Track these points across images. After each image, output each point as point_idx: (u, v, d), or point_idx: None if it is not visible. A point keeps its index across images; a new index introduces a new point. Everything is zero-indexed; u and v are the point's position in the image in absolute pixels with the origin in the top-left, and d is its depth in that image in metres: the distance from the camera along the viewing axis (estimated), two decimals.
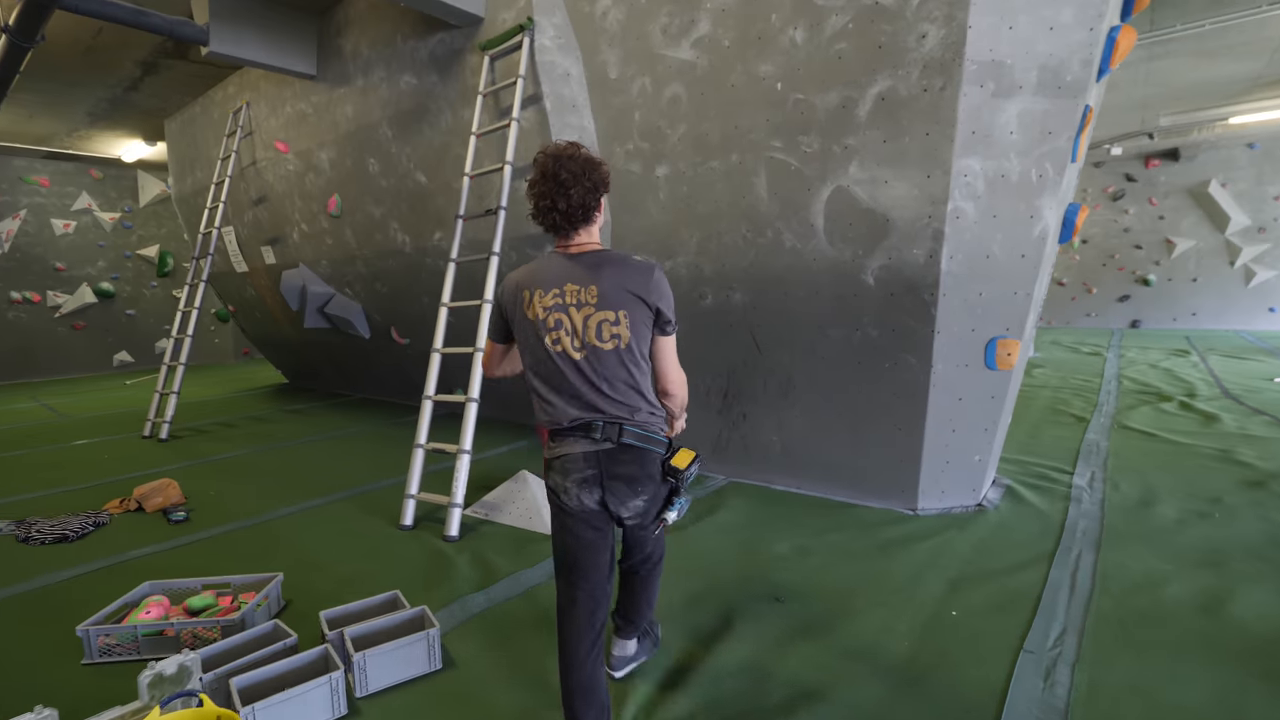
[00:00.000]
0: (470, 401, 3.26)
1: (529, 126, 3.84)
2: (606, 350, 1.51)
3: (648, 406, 1.58)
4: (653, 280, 1.54)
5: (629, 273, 1.53)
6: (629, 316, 1.51)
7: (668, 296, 1.58)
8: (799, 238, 3.22)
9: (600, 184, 1.56)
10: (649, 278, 1.54)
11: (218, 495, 3.95)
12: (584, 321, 1.51)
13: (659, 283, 1.56)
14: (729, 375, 3.77)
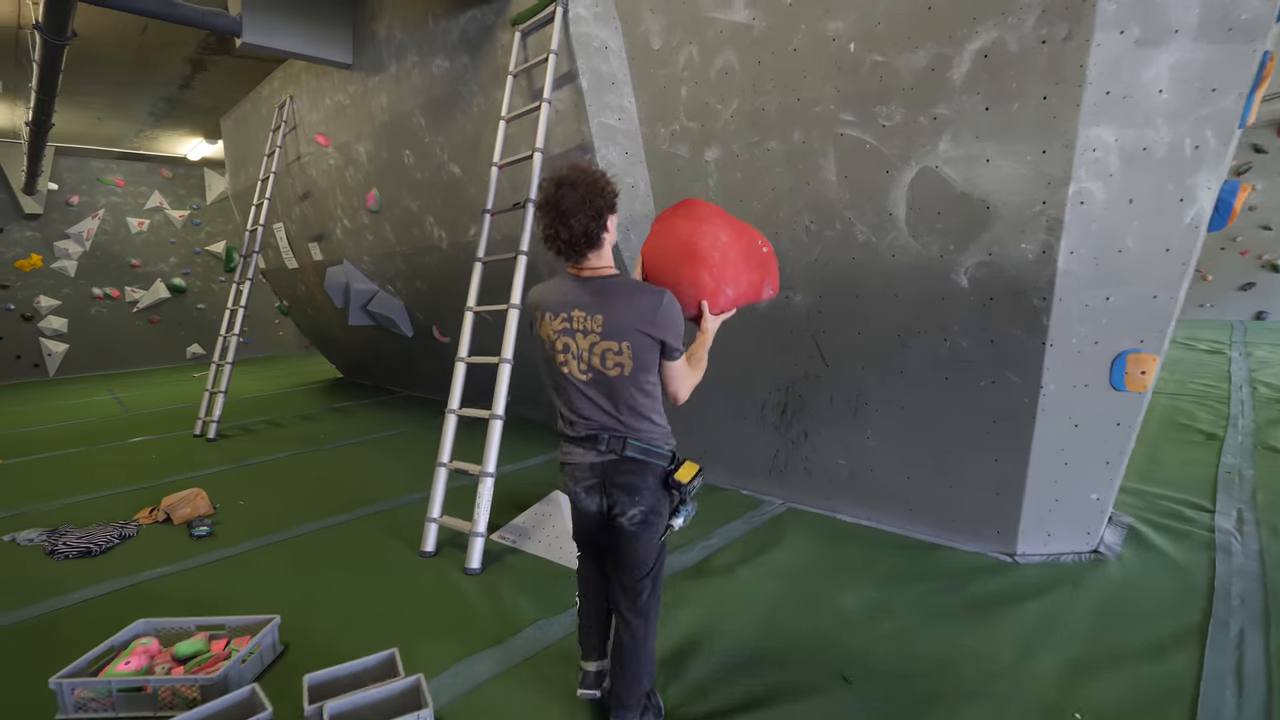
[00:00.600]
0: (495, 419, 2.93)
1: (564, 109, 3.45)
2: (611, 376, 1.55)
3: (650, 425, 1.62)
4: (660, 312, 1.53)
5: (636, 305, 1.53)
6: (632, 348, 1.53)
7: (676, 326, 1.57)
8: (874, 230, 2.71)
9: (605, 209, 1.53)
10: (656, 310, 1.53)
11: (246, 506, 3.81)
12: (590, 348, 1.55)
13: (667, 313, 1.54)
14: (788, 389, 3.30)
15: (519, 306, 3.08)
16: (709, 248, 1.78)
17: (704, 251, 1.77)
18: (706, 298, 1.77)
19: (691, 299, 1.76)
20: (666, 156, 3.33)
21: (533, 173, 3.22)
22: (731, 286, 1.81)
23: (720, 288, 1.79)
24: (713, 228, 1.82)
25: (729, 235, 1.83)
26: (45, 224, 10.16)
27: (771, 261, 1.94)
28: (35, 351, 10.39)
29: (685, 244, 1.79)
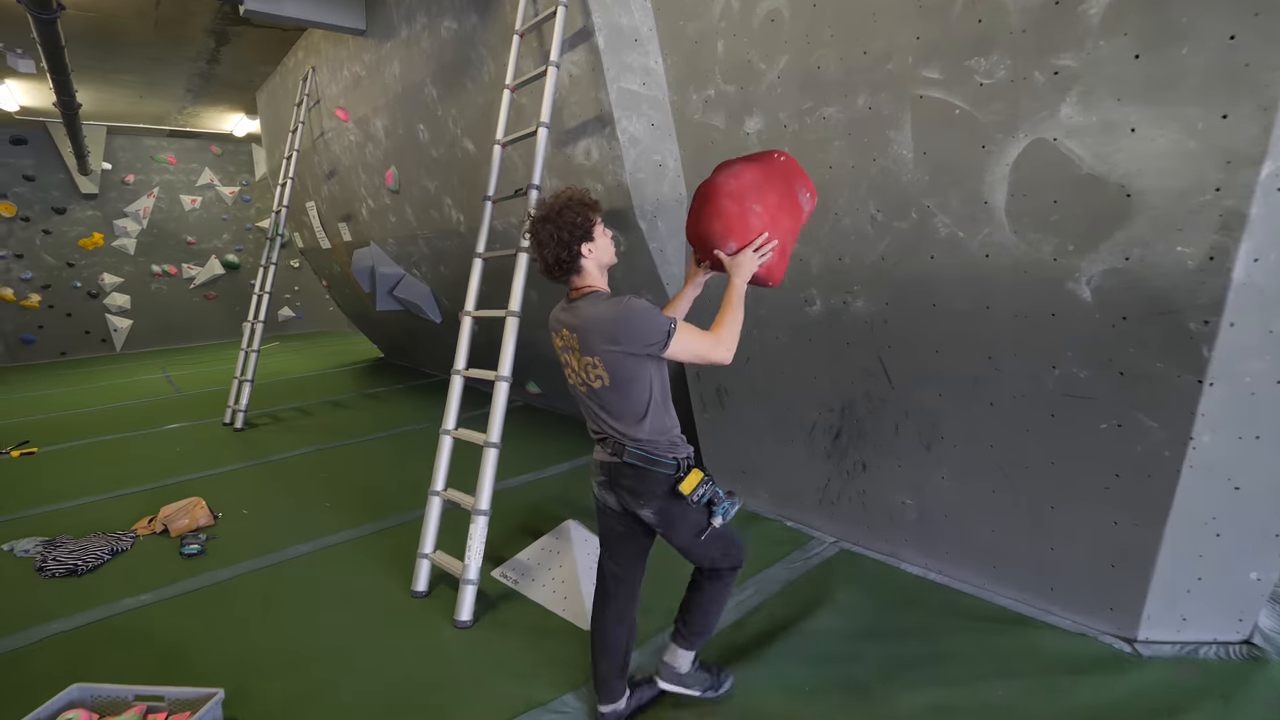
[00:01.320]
0: (489, 447, 2.51)
1: (578, 73, 2.92)
2: (597, 389, 1.65)
3: (649, 433, 1.66)
4: (617, 324, 1.57)
5: (598, 318, 1.60)
6: (604, 362, 1.60)
7: (636, 334, 1.57)
8: (960, 222, 2.09)
9: (573, 240, 1.61)
10: (613, 323, 1.58)
11: (250, 515, 3.58)
12: (579, 365, 1.67)
13: (623, 323, 1.57)
14: (843, 411, 2.73)
15: (518, 314, 2.62)
16: (723, 179, 1.78)
17: (718, 184, 1.78)
18: (735, 230, 1.74)
19: (721, 238, 1.75)
20: (699, 128, 2.76)
21: (537, 151, 2.71)
22: (760, 203, 1.75)
23: (747, 208, 1.74)
24: (724, 167, 1.82)
25: (741, 164, 1.82)
26: (104, 203, 10.40)
27: (794, 166, 1.84)
28: (102, 327, 10.77)
29: (701, 194, 1.81)
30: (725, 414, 3.32)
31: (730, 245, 1.75)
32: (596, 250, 1.65)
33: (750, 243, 1.74)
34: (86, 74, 6.86)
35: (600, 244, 1.66)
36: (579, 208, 1.62)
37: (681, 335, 1.58)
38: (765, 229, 1.74)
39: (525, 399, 5.82)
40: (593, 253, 1.64)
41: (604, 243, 1.68)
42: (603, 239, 1.67)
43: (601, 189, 3.11)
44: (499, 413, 2.55)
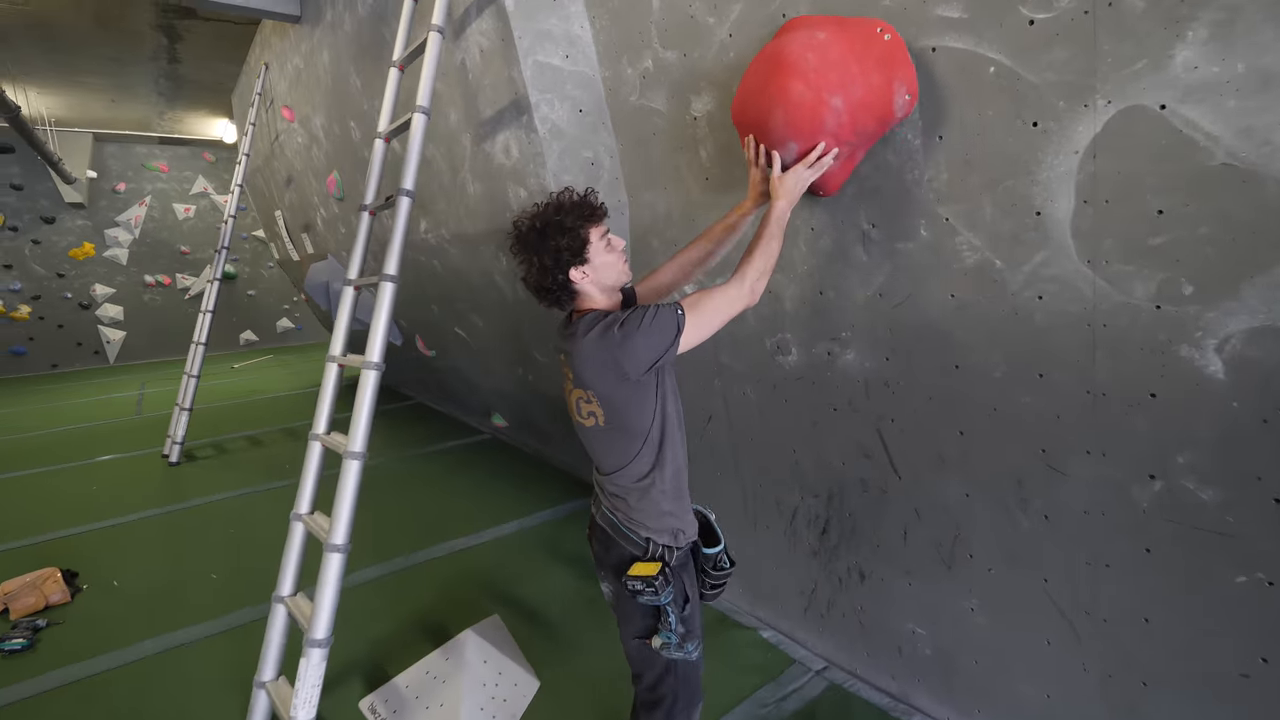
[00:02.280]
0: (334, 552, 1.81)
1: (489, 46, 2.24)
2: (587, 426, 1.38)
3: (626, 500, 1.38)
4: (612, 345, 1.25)
5: (589, 340, 1.28)
6: (599, 397, 1.32)
7: (639, 355, 1.25)
8: (997, 242, 1.34)
9: (560, 265, 1.29)
10: (605, 343, 1.26)
11: (118, 589, 2.97)
12: (571, 396, 1.40)
13: (621, 341, 1.24)
14: (831, 499, 1.99)
15: (378, 366, 1.94)
16: (799, 49, 1.31)
17: (791, 55, 1.32)
18: (801, 126, 1.33)
19: (779, 133, 1.36)
20: (638, 114, 2.05)
21: (412, 145, 2.03)
22: (842, 95, 1.29)
23: (823, 100, 1.28)
24: (801, 28, 1.36)
25: (828, 29, 1.33)
26: (94, 212, 10.12)
27: (899, 50, 1.31)
28: (95, 339, 10.50)
29: (769, 57, 1.38)
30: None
31: (790, 148, 1.37)
32: (595, 272, 1.32)
33: (808, 153, 1.37)
34: (44, 77, 6.48)
35: (600, 263, 1.32)
36: (568, 224, 1.28)
37: (694, 316, 1.28)
38: (838, 134, 1.33)
39: (492, 431, 5.17)
40: (589, 276, 1.32)
41: (606, 261, 1.33)
42: (605, 256, 1.32)
43: (525, 195, 2.43)
44: (364, 416, 1.86)
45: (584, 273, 1.31)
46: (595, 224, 1.31)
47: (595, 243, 1.30)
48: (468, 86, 2.47)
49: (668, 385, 1.35)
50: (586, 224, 1.30)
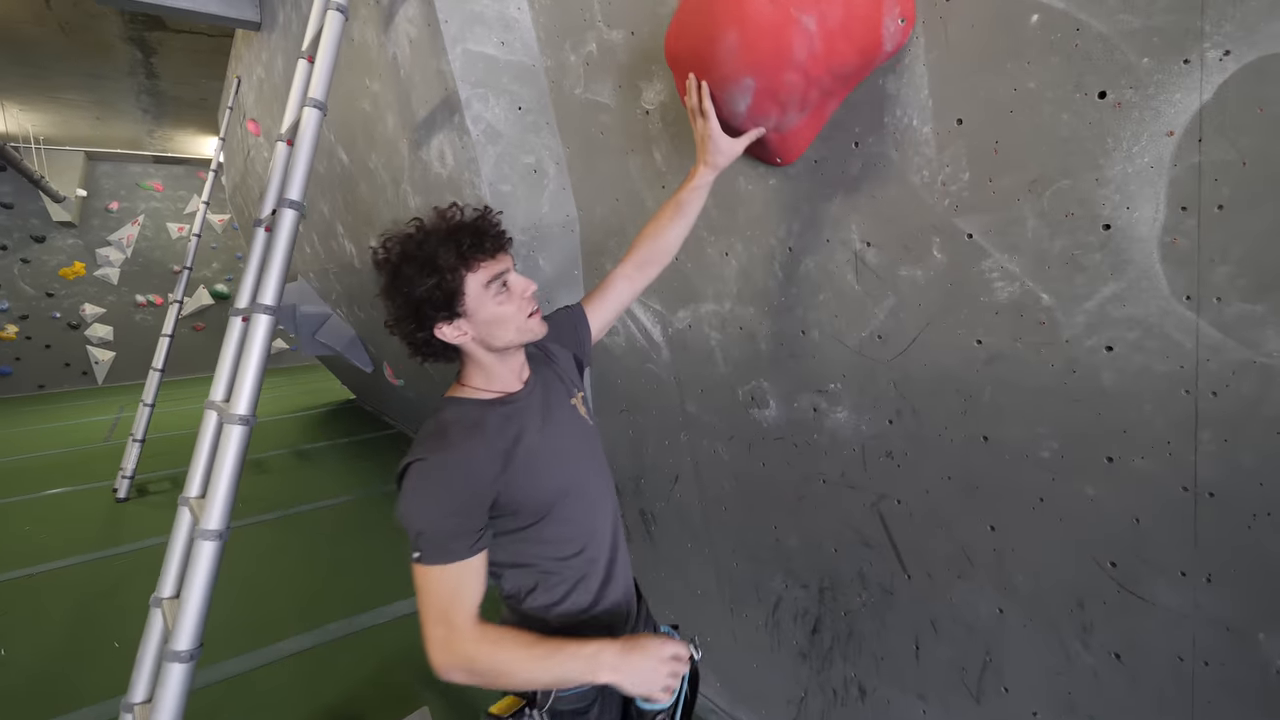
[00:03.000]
0: (174, 661, 1.40)
1: (418, 35, 1.89)
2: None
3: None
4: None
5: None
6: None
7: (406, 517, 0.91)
8: (1044, 271, 0.93)
9: (424, 319, 0.95)
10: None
11: (5, 659, 2.58)
12: None
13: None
14: (823, 593, 1.56)
15: (244, 420, 1.55)
16: None
17: None
18: (760, 56, 0.96)
19: (730, 65, 0.99)
20: (585, 109, 1.68)
21: (300, 146, 1.67)
22: (814, 13, 0.92)
23: (791, 17, 0.92)
24: None
25: None
26: (86, 231, 9.96)
27: None
28: (83, 359, 10.27)
29: None
30: (654, 550, 2.18)
31: (746, 86, 1.00)
32: (479, 329, 0.97)
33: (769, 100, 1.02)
34: (21, 93, 6.30)
35: (487, 317, 0.96)
36: (438, 261, 0.92)
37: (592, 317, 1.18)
38: (808, 68, 0.97)
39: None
40: (469, 333, 0.97)
41: (496, 315, 0.96)
42: (494, 308, 0.96)
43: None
44: (224, 483, 1.46)
45: (461, 329, 0.96)
46: (481, 262, 0.95)
47: (477, 291, 0.94)
48: (400, 85, 2.13)
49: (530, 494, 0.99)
50: (465, 263, 0.93)
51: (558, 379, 1.13)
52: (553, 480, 1.00)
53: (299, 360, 11.96)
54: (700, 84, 1.06)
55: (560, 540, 1.01)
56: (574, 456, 1.06)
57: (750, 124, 1.07)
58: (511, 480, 0.95)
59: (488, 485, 0.93)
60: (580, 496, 1.04)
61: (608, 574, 1.07)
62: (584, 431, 1.11)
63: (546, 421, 1.04)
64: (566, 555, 1.01)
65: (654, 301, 1.71)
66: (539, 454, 0.99)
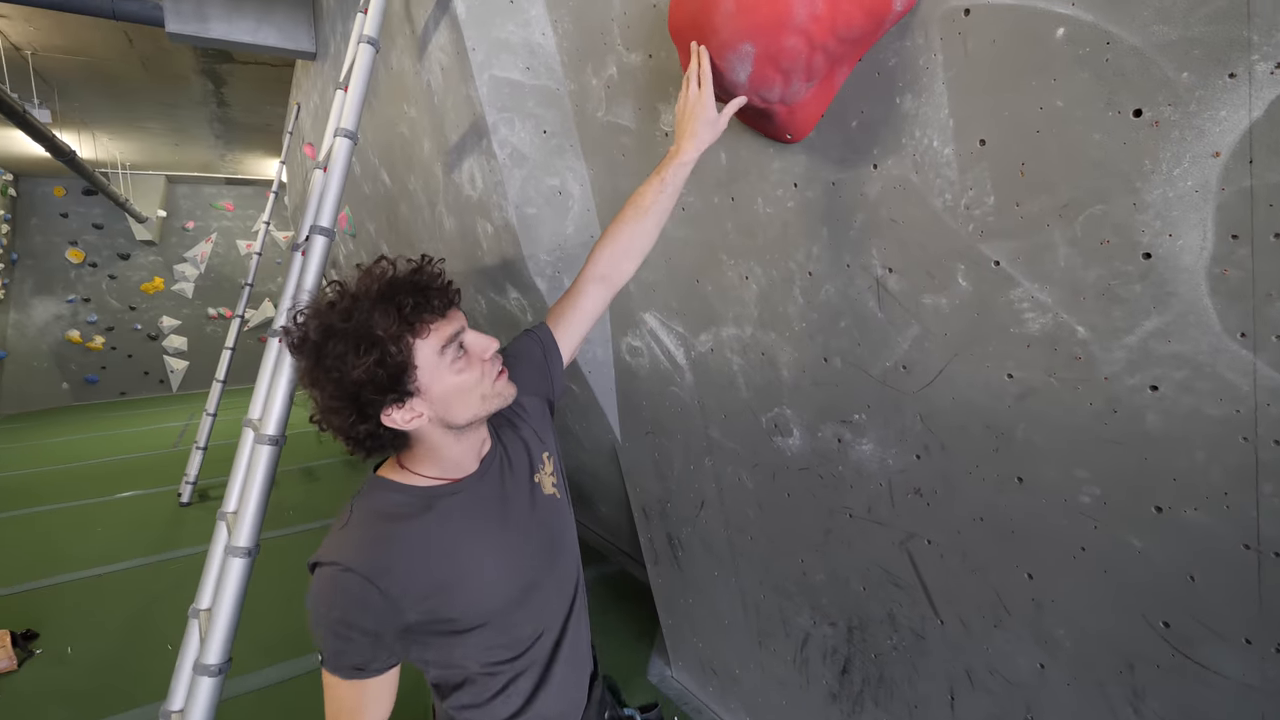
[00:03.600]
0: (204, 675, 1.45)
1: (448, 63, 1.93)
2: None
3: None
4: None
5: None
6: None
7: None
8: (1078, 302, 0.85)
9: (366, 409, 0.78)
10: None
11: (71, 657, 2.74)
12: None
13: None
14: (851, 632, 1.49)
15: (274, 440, 1.59)
16: None
17: None
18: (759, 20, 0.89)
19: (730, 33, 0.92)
20: (608, 132, 1.67)
21: (332, 173, 1.72)
22: None
23: None
24: None
25: None
26: (165, 248, 10.66)
27: None
28: (160, 368, 10.96)
29: None
30: (681, 575, 2.13)
31: (744, 52, 0.93)
32: (434, 403, 0.81)
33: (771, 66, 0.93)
34: (109, 124, 6.81)
35: (444, 390, 0.81)
36: (375, 331, 0.76)
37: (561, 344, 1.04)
38: (811, 32, 0.89)
39: None
40: (422, 414, 0.81)
41: (455, 384, 0.82)
42: (452, 377, 0.81)
43: (491, 230, 2.09)
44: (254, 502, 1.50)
45: (414, 410, 0.80)
46: (430, 324, 0.80)
47: (430, 360, 0.79)
48: (434, 111, 2.18)
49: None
50: (410, 329, 0.77)
51: (523, 448, 0.98)
52: (496, 591, 0.86)
53: None
54: (700, 49, 0.98)
55: (494, 646, 0.88)
56: (526, 555, 0.91)
57: (753, 96, 1.00)
58: (442, 598, 0.82)
59: (405, 614, 0.79)
60: (524, 604, 0.89)
61: (542, 677, 0.92)
62: (544, 519, 0.96)
63: (500, 517, 0.90)
64: (499, 660, 0.89)
65: (676, 324, 1.68)
66: (482, 563, 0.86)
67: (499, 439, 0.97)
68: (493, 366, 0.86)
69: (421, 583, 0.81)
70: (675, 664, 2.36)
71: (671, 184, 1.02)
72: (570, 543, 1.02)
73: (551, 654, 0.94)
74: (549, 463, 1.02)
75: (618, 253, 1.05)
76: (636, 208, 1.03)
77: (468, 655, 0.87)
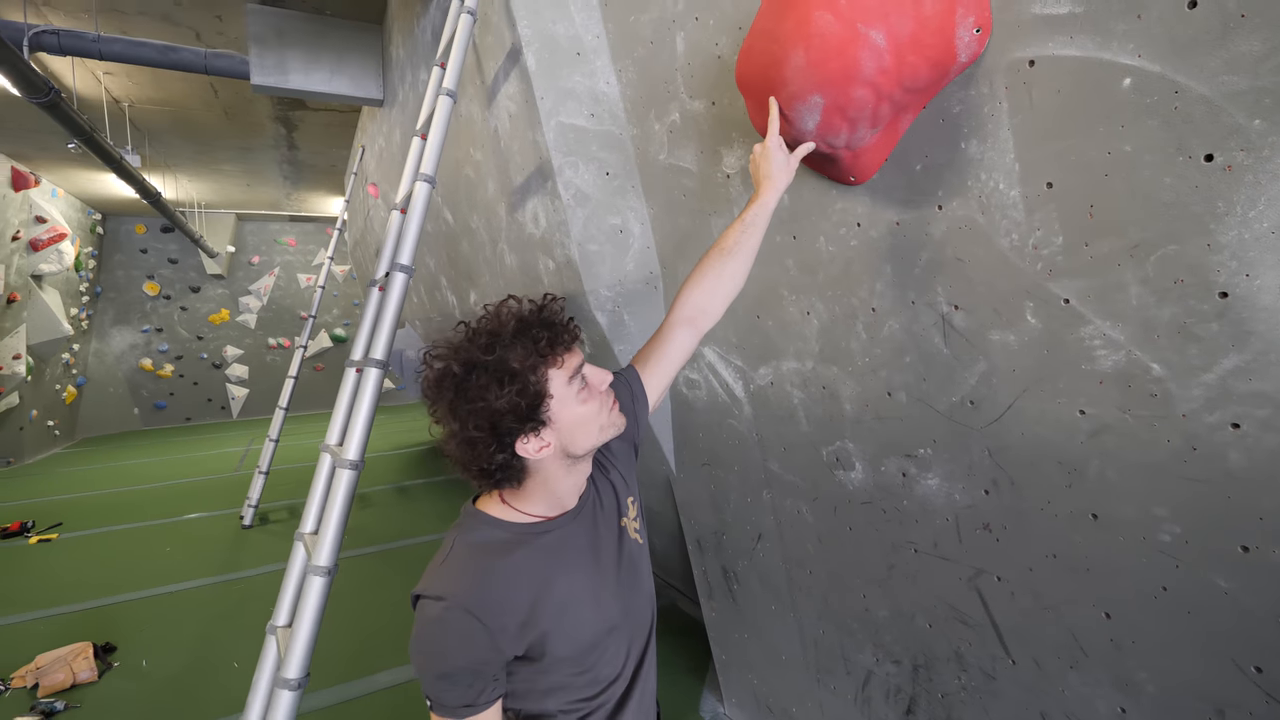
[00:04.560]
0: (283, 689, 1.52)
1: (516, 110, 2.06)
2: None
3: None
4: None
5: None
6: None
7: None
8: (1152, 340, 0.87)
9: (501, 428, 0.81)
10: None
11: (146, 670, 2.87)
12: None
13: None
14: (915, 670, 1.47)
15: (354, 465, 1.68)
16: None
17: None
18: (832, 65, 0.94)
19: (799, 86, 0.99)
20: (668, 174, 1.76)
21: (411, 215, 1.84)
22: (883, 28, 0.91)
23: (858, 33, 0.92)
24: None
25: None
26: (231, 282, 11.30)
27: None
28: (222, 395, 11.51)
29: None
30: (737, 610, 2.13)
31: (814, 104, 0.99)
32: (561, 436, 0.86)
33: (838, 117, 0.99)
34: (190, 167, 7.34)
35: (571, 421, 0.86)
36: (511, 365, 0.81)
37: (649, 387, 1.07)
38: (878, 83, 0.95)
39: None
40: (549, 445, 0.85)
41: (579, 415, 0.87)
42: (577, 408, 0.87)
43: (553, 266, 2.19)
44: (334, 523, 1.57)
45: (544, 440, 0.85)
46: (559, 355, 0.85)
47: (561, 390, 0.85)
48: (500, 154, 2.31)
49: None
50: (544, 361, 0.84)
51: (612, 491, 1.01)
52: (585, 629, 0.89)
53: (403, 400, 12.77)
54: (771, 99, 1.04)
55: (577, 685, 0.91)
56: (610, 596, 0.93)
57: (820, 142, 1.06)
58: (538, 632, 0.85)
59: (508, 644, 0.82)
60: (605, 646, 0.91)
61: (613, 716, 0.95)
62: (630, 563, 0.99)
63: (593, 556, 0.93)
64: (578, 698, 0.91)
65: (735, 357, 1.73)
66: (574, 599, 0.89)
67: (592, 481, 0.99)
68: (608, 397, 0.90)
69: (520, 616, 0.83)
70: (728, 700, 2.33)
71: (753, 226, 1.07)
72: (650, 589, 1.03)
73: (621, 700, 0.95)
74: (633, 508, 1.04)
75: (703, 295, 1.07)
76: (720, 250, 1.07)
77: (550, 692, 0.89)
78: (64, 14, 3.97)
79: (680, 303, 1.09)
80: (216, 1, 3.91)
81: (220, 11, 4.02)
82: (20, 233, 7.08)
